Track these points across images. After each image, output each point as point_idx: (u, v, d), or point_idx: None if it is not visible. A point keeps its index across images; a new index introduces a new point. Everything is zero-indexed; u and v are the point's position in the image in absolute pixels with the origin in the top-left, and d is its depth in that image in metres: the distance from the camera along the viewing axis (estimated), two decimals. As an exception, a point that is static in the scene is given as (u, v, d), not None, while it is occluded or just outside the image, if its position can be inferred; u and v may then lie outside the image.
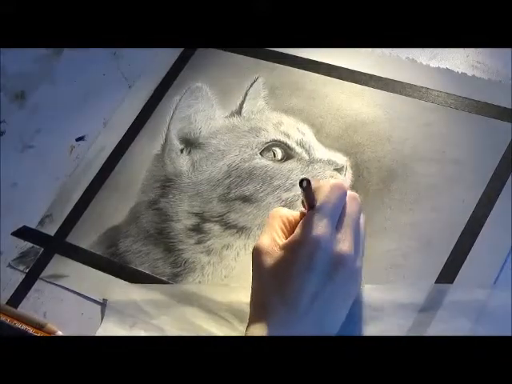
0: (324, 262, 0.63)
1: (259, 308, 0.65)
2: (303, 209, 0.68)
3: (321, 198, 0.66)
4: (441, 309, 0.68)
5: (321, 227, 0.64)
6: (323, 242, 0.64)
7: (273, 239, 0.66)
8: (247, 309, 0.67)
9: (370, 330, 0.68)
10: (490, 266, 0.70)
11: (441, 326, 0.67)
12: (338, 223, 0.66)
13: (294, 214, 0.69)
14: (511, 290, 0.68)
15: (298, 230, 0.65)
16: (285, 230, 0.67)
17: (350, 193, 0.68)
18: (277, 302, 0.64)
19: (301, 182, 0.64)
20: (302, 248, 0.64)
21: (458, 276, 0.70)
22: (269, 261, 0.65)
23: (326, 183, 0.67)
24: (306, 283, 0.63)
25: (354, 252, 0.65)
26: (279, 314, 0.63)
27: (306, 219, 0.65)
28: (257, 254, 0.66)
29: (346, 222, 0.66)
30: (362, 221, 0.69)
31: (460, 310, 0.67)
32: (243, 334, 0.66)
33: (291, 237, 0.65)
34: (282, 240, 0.66)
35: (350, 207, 0.67)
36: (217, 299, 0.73)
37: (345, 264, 0.64)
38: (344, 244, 0.65)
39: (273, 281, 0.65)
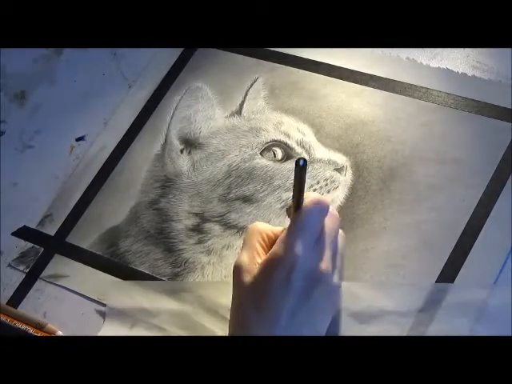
0: (301, 280, 0.63)
1: (238, 325, 0.65)
2: (288, 218, 0.67)
3: (301, 213, 0.65)
4: (441, 309, 0.68)
5: (299, 245, 0.63)
6: (301, 260, 0.63)
7: (252, 256, 0.65)
8: None
9: (371, 329, 0.68)
10: (490, 266, 0.70)
11: (441, 326, 0.67)
12: (316, 240, 0.65)
13: (273, 229, 0.68)
14: (511, 290, 0.68)
15: (275, 247, 0.64)
16: (264, 246, 0.67)
17: (331, 209, 0.67)
18: (255, 320, 0.63)
19: (297, 160, 0.62)
20: (279, 266, 0.63)
21: (458, 276, 0.70)
22: (248, 278, 0.65)
23: (307, 197, 0.66)
24: (284, 301, 0.63)
25: (332, 270, 0.65)
26: (258, 332, 0.63)
27: (285, 236, 0.64)
28: (236, 271, 0.66)
29: (324, 240, 0.65)
30: (340, 238, 0.68)
31: (460, 310, 0.67)
32: None
33: (269, 254, 0.65)
34: (261, 257, 0.65)
35: (329, 224, 0.66)
36: (217, 297, 0.73)
37: (322, 282, 0.64)
38: (322, 262, 0.64)
39: (252, 298, 0.64)
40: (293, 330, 0.63)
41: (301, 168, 0.63)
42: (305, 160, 0.62)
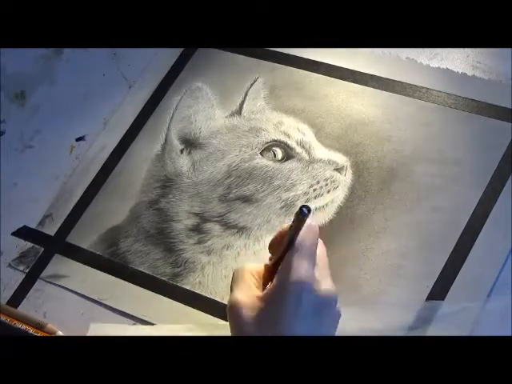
0: (311, 304, 0.62)
1: None
2: (269, 255, 0.66)
3: (297, 240, 0.63)
4: (431, 326, 0.68)
5: (303, 269, 0.62)
6: (308, 284, 0.62)
7: (248, 292, 0.64)
8: None
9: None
10: (489, 266, 0.70)
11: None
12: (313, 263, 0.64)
13: (257, 267, 0.67)
14: (511, 291, 0.68)
15: (278, 277, 0.63)
16: (256, 283, 0.65)
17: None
18: None
19: (301, 208, 0.61)
20: (287, 294, 0.62)
21: (457, 276, 0.70)
22: (250, 313, 0.63)
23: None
24: (296, 329, 0.62)
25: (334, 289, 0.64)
26: None
27: (285, 265, 0.63)
28: (235, 309, 0.64)
29: (322, 263, 0.64)
30: (320, 248, 0.66)
31: (454, 320, 0.67)
32: None
33: (271, 286, 0.63)
34: (257, 292, 0.64)
35: (319, 249, 0.65)
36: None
37: (331, 302, 0.63)
38: (326, 283, 0.63)
39: (259, 332, 0.62)
40: None
41: (305, 216, 0.61)
42: (309, 209, 0.61)
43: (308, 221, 0.64)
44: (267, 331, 0.62)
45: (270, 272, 0.65)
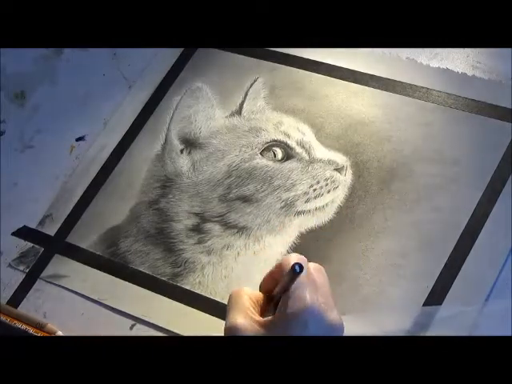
0: (318, 331, 0.61)
1: None
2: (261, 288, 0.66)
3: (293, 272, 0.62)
4: (429, 332, 0.68)
5: (308, 297, 0.61)
6: (316, 310, 0.61)
7: (247, 316, 0.63)
8: None
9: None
10: (490, 266, 0.70)
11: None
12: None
13: (255, 293, 0.66)
14: (511, 292, 0.68)
15: (281, 307, 0.62)
16: (255, 308, 0.64)
17: (313, 265, 0.65)
18: None
19: (294, 266, 0.60)
20: (293, 321, 0.61)
21: (457, 276, 0.70)
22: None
23: (285, 262, 0.64)
24: None
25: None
26: None
27: (289, 294, 0.62)
28: (233, 333, 0.63)
29: (324, 292, 0.63)
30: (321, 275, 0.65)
31: (454, 320, 0.67)
32: None
33: (275, 314, 0.62)
34: (256, 316, 0.63)
35: (320, 278, 0.64)
36: None
37: (337, 331, 0.62)
38: (333, 312, 0.62)
39: None
40: None
41: (297, 273, 0.61)
42: (301, 266, 0.61)
43: (293, 257, 0.63)
44: None
45: (269, 301, 0.65)
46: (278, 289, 0.64)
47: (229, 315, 0.63)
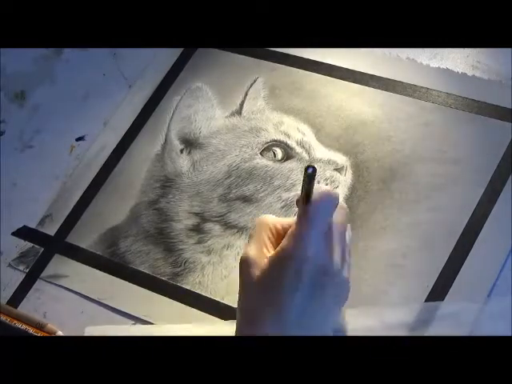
0: (312, 276, 0.62)
1: (248, 321, 0.64)
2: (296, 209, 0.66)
3: (311, 207, 0.64)
4: (434, 320, 0.68)
5: (308, 241, 0.62)
6: (311, 256, 0.62)
7: (260, 250, 0.64)
8: None
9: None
10: (490, 267, 0.70)
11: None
12: (326, 234, 0.64)
13: (282, 222, 0.67)
14: (511, 292, 0.68)
15: (285, 242, 0.63)
16: (273, 240, 0.65)
17: (338, 202, 0.66)
18: (266, 316, 0.62)
19: (307, 168, 0.61)
20: (289, 262, 0.62)
21: (457, 276, 0.70)
22: (257, 273, 0.63)
23: (316, 190, 0.64)
24: (294, 297, 0.62)
25: (342, 264, 0.64)
26: (268, 327, 0.62)
27: (294, 230, 0.63)
28: (244, 265, 0.64)
29: (333, 234, 0.64)
30: (348, 232, 0.67)
31: (454, 320, 0.67)
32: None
33: (278, 249, 0.64)
34: (269, 251, 0.64)
35: (338, 218, 0.65)
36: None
37: (333, 276, 0.63)
38: (332, 257, 0.63)
39: (261, 294, 0.63)
40: (303, 324, 0.62)
41: (311, 176, 0.62)
42: (315, 168, 0.61)
43: (324, 188, 0.64)
44: (269, 294, 0.62)
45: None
46: (299, 198, 0.64)
47: (247, 245, 0.65)
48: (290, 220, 0.66)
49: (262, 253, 0.64)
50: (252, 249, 0.65)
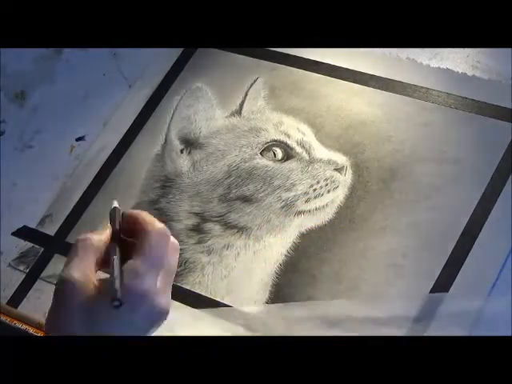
0: (145, 316, 0.60)
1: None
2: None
3: (145, 245, 0.61)
4: (435, 319, 0.68)
5: (145, 281, 0.60)
6: (148, 298, 0.60)
7: (86, 274, 0.61)
8: None
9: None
10: (489, 266, 0.70)
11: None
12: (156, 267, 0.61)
13: (102, 238, 0.63)
14: (511, 292, 0.68)
15: (119, 276, 0.60)
16: (98, 261, 0.62)
17: (170, 240, 0.63)
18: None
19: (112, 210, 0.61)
20: (124, 299, 0.59)
21: (457, 276, 0.70)
22: (82, 298, 0.60)
23: (150, 227, 0.63)
24: (126, 329, 0.61)
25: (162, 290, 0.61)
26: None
27: (131, 268, 0.60)
28: (69, 287, 0.60)
29: (166, 273, 0.61)
30: (174, 253, 0.64)
31: (454, 319, 0.67)
32: None
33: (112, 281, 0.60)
34: (94, 276, 0.61)
35: (171, 257, 0.62)
36: None
37: (162, 317, 0.61)
38: (163, 298, 0.61)
39: (84, 320, 0.60)
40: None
41: (111, 216, 0.62)
42: (116, 208, 0.62)
43: (158, 226, 0.63)
44: (94, 323, 0.61)
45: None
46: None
47: (68, 265, 0.61)
48: (107, 231, 0.64)
49: (89, 277, 0.61)
50: (76, 270, 0.61)
